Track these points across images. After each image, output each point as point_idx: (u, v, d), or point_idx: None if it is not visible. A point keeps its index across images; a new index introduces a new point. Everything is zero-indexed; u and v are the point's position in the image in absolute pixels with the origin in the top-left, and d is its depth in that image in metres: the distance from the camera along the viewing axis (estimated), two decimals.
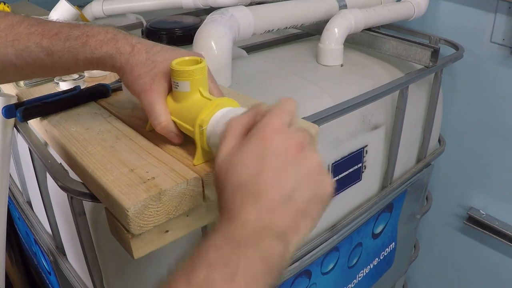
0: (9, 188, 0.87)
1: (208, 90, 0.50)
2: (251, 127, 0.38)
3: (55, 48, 0.49)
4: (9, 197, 0.89)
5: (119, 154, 0.49)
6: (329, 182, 0.37)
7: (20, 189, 0.94)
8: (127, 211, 0.40)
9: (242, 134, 0.38)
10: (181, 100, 0.49)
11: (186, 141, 0.51)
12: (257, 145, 0.36)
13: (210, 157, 0.47)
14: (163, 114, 0.49)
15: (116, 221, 0.44)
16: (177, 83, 0.48)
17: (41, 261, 0.95)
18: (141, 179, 0.44)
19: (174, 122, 0.49)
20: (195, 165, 0.47)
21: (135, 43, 0.50)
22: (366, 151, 0.85)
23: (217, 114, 0.45)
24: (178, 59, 0.49)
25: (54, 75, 0.64)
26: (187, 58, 0.49)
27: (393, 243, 1.06)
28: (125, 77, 0.50)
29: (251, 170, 0.35)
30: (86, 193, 0.50)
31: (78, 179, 0.52)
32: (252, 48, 0.96)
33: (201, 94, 0.48)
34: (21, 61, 0.49)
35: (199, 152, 0.47)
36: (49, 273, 0.91)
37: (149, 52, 0.49)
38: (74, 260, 0.74)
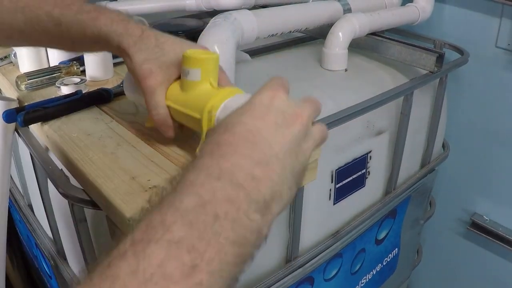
0: (10, 191, 0.87)
1: (218, 82, 0.48)
2: None
3: (64, 19, 0.48)
4: (10, 200, 0.89)
5: (120, 161, 0.49)
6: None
7: (21, 192, 0.94)
8: (128, 220, 0.40)
9: None
10: (189, 89, 0.47)
11: (188, 148, 0.51)
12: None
13: None
14: (163, 105, 0.48)
15: (117, 229, 0.43)
16: (188, 70, 0.47)
17: (42, 264, 0.95)
18: (142, 187, 0.44)
19: (177, 111, 0.48)
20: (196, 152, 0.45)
21: (145, 29, 0.49)
22: (370, 156, 0.84)
23: (228, 100, 0.43)
24: (191, 49, 0.48)
25: (58, 46, 0.62)
26: (199, 50, 0.48)
27: (396, 249, 1.05)
28: (129, 59, 0.49)
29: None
30: (87, 200, 0.50)
31: (79, 185, 0.52)
32: (255, 52, 0.95)
33: (211, 85, 0.47)
34: (29, 28, 0.49)
35: (204, 139, 0.44)
36: (50, 277, 0.90)
37: (158, 40, 0.49)
38: (75, 265, 0.73)
